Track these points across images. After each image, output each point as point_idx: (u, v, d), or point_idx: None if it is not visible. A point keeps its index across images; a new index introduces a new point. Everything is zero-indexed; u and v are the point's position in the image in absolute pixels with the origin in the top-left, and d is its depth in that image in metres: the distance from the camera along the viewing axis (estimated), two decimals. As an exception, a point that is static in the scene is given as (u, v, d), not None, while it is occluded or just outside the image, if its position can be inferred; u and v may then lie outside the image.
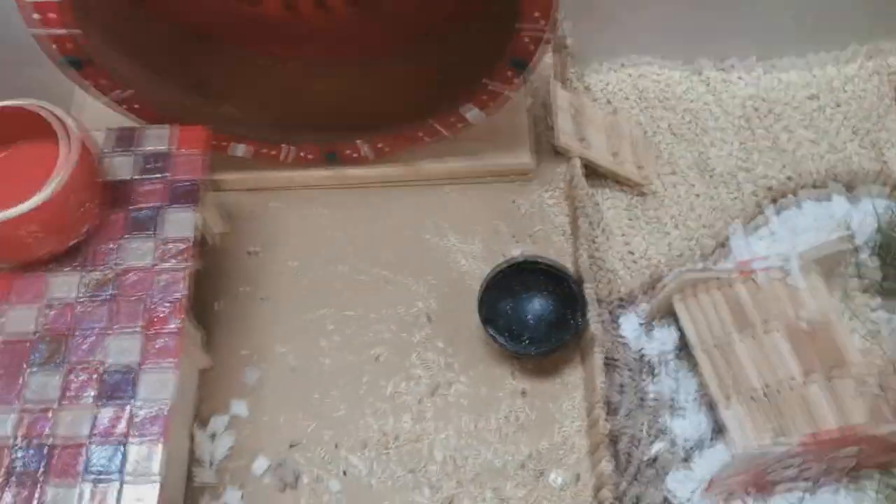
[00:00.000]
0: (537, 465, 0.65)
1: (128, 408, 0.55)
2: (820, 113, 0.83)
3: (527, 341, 0.67)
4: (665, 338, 0.70)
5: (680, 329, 0.69)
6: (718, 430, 0.66)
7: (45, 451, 0.54)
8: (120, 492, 0.52)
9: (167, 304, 0.58)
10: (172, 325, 0.58)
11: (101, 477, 0.53)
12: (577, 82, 0.86)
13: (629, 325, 0.71)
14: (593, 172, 0.79)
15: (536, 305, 0.69)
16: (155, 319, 0.58)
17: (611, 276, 0.75)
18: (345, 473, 0.65)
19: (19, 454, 0.54)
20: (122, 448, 0.54)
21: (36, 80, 0.65)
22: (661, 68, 0.87)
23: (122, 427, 0.54)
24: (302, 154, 0.73)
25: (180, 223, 0.62)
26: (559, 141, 0.75)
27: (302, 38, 0.73)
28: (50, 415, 0.55)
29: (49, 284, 0.59)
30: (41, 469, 0.53)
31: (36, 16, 0.56)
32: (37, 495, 0.52)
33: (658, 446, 0.66)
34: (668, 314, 0.70)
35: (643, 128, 0.83)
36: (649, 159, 0.81)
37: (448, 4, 0.68)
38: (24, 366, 0.57)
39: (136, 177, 0.64)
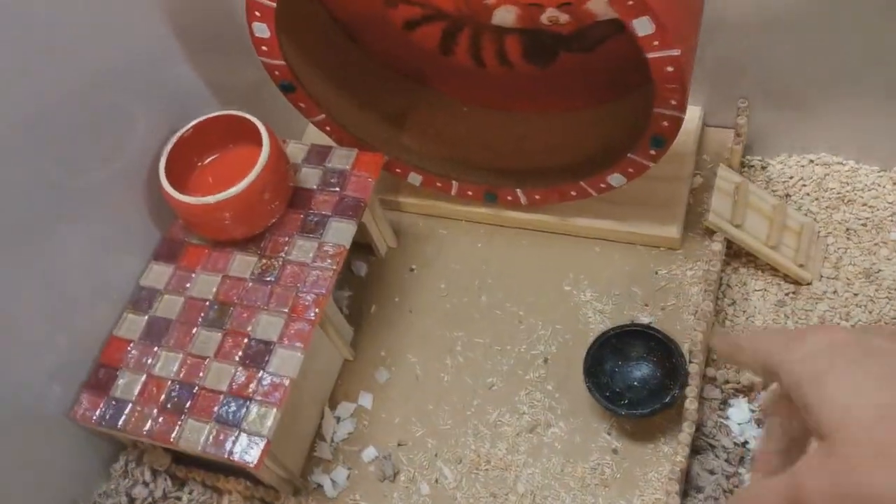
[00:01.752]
0: (609, 521, 0.68)
1: (260, 373, 0.66)
2: None
3: (625, 402, 0.70)
4: (773, 434, 0.70)
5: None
6: (802, 538, 0.64)
7: (195, 391, 0.67)
8: (237, 439, 0.64)
9: (311, 296, 0.69)
10: (311, 314, 0.68)
11: (227, 423, 0.64)
12: (759, 171, 0.87)
13: (739, 413, 0.71)
14: (753, 260, 0.80)
15: (643, 371, 0.71)
16: (298, 307, 0.69)
17: (738, 362, 0.75)
18: (436, 482, 0.72)
19: (176, 388, 0.67)
20: (247, 404, 0.65)
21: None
22: (851, 170, 0.85)
23: (252, 388, 0.66)
24: (467, 192, 0.81)
25: (341, 232, 0.73)
26: (708, 219, 0.77)
27: (485, 88, 0.81)
28: (205, 363, 0.68)
29: (232, 261, 0.73)
30: (188, 404, 0.66)
31: (260, 47, 0.69)
32: (179, 423, 0.65)
33: (733, 537, 0.65)
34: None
35: (816, 225, 0.82)
36: (815, 257, 0.80)
37: (599, 85, 0.73)
38: (198, 321, 0.70)
39: (319, 187, 0.76)
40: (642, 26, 0.56)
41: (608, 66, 0.76)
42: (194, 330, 0.70)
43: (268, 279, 0.71)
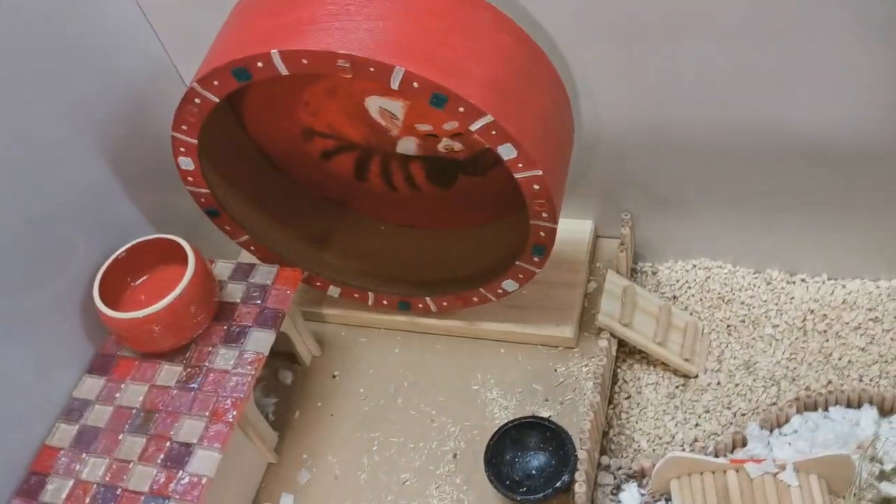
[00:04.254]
0: None
1: (179, 473, 0.71)
2: (877, 325, 0.85)
3: (524, 490, 0.75)
4: (661, 516, 0.75)
5: (677, 510, 0.74)
6: None
7: (118, 494, 0.71)
8: (155, 536, 0.68)
9: (230, 400, 0.75)
10: (229, 417, 0.74)
11: (147, 521, 0.69)
12: (650, 276, 0.96)
13: (630, 497, 0.77)
14: (645, 357, 0.88)
15: (540, 461, 0.78)
16: (219, 410, 0.75)
17: (632, 450, 0.82)
18: (352, 577, 0.76)
19: (101, 492, 0.72)
20: (166, 503, 0.70)
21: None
22: (729, 272, 0.94)
23: (171, 488, 0.71)
24: (382, 301, 0.89)
25: (260, 341, 0.79)
26: (598, 320, 0.85)
27: (398, 209, 0.91)
28: (129, 467, 0.73)
29: (160, 371, 0.79)
30: (110, 507, 0.71)
31: (186, 178, 0.78)
32: (101, 525, 0.70)
33: None
34: (669, 494, 0.76)
35: (700, 323, 0.90)
36: (700, 353, 0.87)
37: (496, 203, 0.83)
38: (124, 428, 0.76)
39: (242, 300, 0.83)
40: (506, 151, 0.66)
41: (500, 187, 0.86)
42: (121, 436, 0.75)
43: (191, 386, 0.77)
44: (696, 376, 0.86)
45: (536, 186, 0.68)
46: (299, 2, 0.67)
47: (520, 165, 0.67)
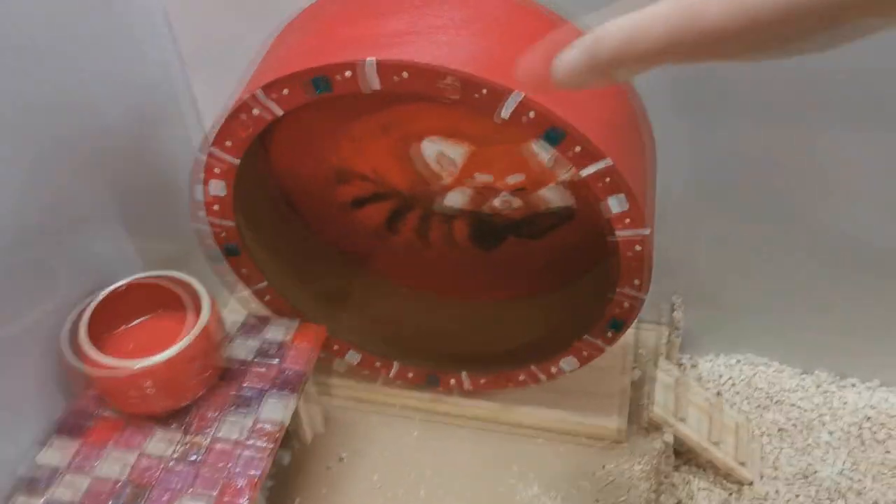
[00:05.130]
0: None
1: (179, 568, 0.57)
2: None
3: None
4: None
5: None
6: None
7: (93, 591, 0.56)
8: None
9: (243, 479, 0.61)
10: (243, 500, 0.60)
11: None
12: (690, 367, 0.88)
13: None
14: (694, 460, 0.79)
15: (602, 572, 0.66)
16: (228, 490, 0.61)
17: (690, 564, 0.71)
18: None
19: (70, 588, 0.56)
20: None
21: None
22: (776, 371, 0.87)
23: (167, 585, 0.56)
24: (407, 373, 0.77)
25: (278, 407, 0.66)
26: (652, 412, 0.75)
27: (425, 272, 0.80)
28: (109, 557, 0.57)
29: (150, 438, 0.65)
30: None
31: (212, 207, 0.66)
32: None
33: None
34: None
35: (750, 424, 0.82)
36: (753, 457, 0.79)
37: (544, 271, 0.74)
38: (104, 506, 0.60)
39: (254, 359, 0.70)
40: (616, 204, 0.57)
41: (552, 255, 0.77)
42: (99, 516, 0.60)
43: (192, 458, 0.63)
44: (752, 483, 0.77)
45: (638, 248, 0.60)
46: (390, 10, 0.58)
47: (627, 221, 0.58)
